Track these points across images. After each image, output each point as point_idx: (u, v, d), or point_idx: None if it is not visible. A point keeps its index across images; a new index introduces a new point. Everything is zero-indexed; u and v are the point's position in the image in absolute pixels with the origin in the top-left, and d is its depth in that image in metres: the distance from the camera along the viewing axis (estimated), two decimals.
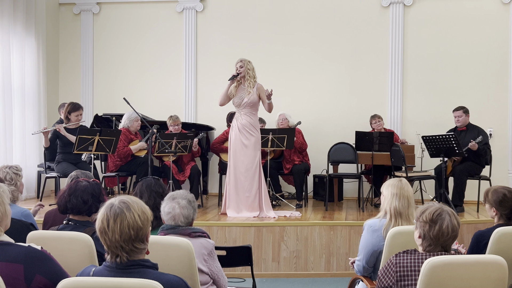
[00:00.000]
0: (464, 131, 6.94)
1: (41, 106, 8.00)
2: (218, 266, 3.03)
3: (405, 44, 8.19)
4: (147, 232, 2.15)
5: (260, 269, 5.75)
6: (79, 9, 8.76)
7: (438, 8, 8.15)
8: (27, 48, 7.77)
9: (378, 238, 3.29)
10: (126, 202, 2.13)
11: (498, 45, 8.01)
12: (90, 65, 8.75)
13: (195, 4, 8.56)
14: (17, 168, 4.00)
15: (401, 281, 2.52)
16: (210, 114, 8.32)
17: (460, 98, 7.79)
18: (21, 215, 3.60)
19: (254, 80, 6.21)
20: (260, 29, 8.45)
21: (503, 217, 3.44)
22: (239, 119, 6.26)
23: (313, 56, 8.37)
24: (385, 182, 3.45)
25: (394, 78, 8.19)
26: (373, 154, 6.93)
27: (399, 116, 8.19)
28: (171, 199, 2.98)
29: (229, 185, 6.26)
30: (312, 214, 6.53)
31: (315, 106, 8.31)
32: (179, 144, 6.56)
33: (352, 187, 8.06)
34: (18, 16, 7.53)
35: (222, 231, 5.78)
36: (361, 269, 3.42)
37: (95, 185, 3.12)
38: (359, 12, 8.31)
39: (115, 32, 8.74)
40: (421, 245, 2.56)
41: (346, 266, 5.63)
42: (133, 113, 6.88)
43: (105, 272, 2.13)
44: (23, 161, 7.45)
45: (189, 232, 2.94)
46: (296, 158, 7.30)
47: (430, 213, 2.51)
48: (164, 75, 8.64)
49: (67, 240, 2.79)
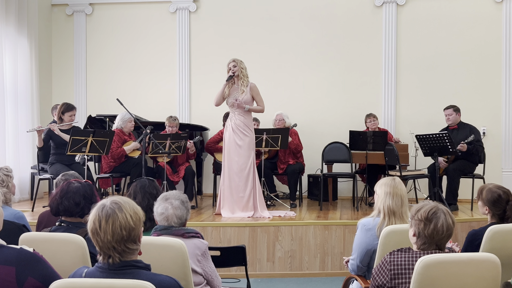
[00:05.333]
0: (456, 129, 6.96)
1: (34, 107, 7.97)
2: (212, 266, 3.02)
3: (398, 44, 8.21)
4: (139, 232, 2.14)
5: (255, 269, 5.75)
6: (72, 10, 8.73)
7: (431, 8, 8.17)
8: (20, 49, 7.73)
9: (372, 237, 3.29)
10: (118, 202, 2.12)
11: (491, 44, 8.04)
12: (83, 66, 8.72)
13: (188, 4, 8.55)
14: (8, 170, 3.96)
15: (395, 279, 2.52)
16: (204, 115, 8.31)
17: (453, 97, 7.81)
18: (13, 217, 3.58)
19: (247, 80, 6.21)
20: (254, 29, 8.45)
21: (496, 216, 3.44)
22: (233, 119, 6.25)
23: (306, 56, 8.37)
24: (378, 181, 3.45)
25: (388, 78, 8.21)
26: (367, 154, 6.94)
27: (393, 115, 8.20)
28: (164, 199, 2.97)
29: (224, 185, 6.26)
30: (307, 213, 6.53)
31: (309, 106, 8.32)
32: (173, 144, 6.55)
33: (346, 187, 8.08)
34: (10, 17, 7.49)
35: (216, 232, 5.77)
36: (355, 268, 3.42)
37: (87, 186, 3.10)
38: (352, 11, 8.32)
39: (108, 33, 8.72)
40: (416, 243, 2.56)
41: (341, 265, 5.63)
42: (126, 114, 6.86)
43: (97, 273, 2.12)
44: (16, 163, 7.42)
45: (182, 233, 2.93)
46: (290, 160, 7.30)
47: (425, 211, 2.51)
48: (158, 75, 8.62)
49: (59, 242, 2.78)
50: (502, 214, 3.41)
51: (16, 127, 7.58)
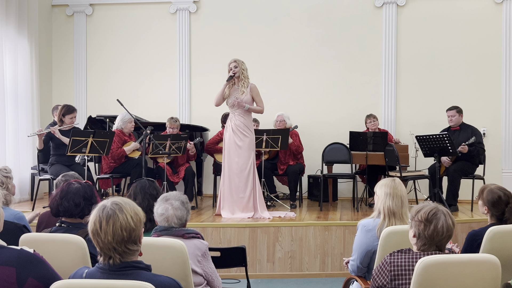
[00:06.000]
0: (458, 130, 6.96)
1: (34, 108, 7.97)
2: (212, 267, 3.02)
3: (398, 44, 8.21)
4: (139, 233, 2.14)
5: (255, 270, 5.74)
6: (72, 10, 8.74)
7: (431, 8, 8.17)
8: (20, 50, 7.73)
9: (372, 238, 3.29)
10: (118, 203, 2.12)
11: (491, 44, 8.04)
12: (83, 66, 8.73)
13: (188, 5, 8.55)
14: (7, 170, 3.95)
15: (395, 280, 2.52)
16: (204, 115, 8.32)
17: (453, 98, 7.81)
18: (13, 218, 3.58)
19: (248, 81, 6.21)
20: (254, 29, 8.45)
21: (494, 217, 3.44)
22: (233, 120, 6.25)
23: (307, 56, 8.37)
24: (378, 182, 3.45)
25: (388, 78, 8.21)
26: (367, 154, 6.93)
27: (393, 116, 8.20)
28: (164, 200, 2.97)
29: (224, 186, 6.26)
30: (307, 214, 6.53)
31: (309, 107, 8.32)
32: (173, 145, 6.55)
33: (346, 187, 8.07)
34: (10, 18, 7.49)
35: (216, 232, 5.77)
36: (355, 269, 3.42)
37: (87, 187, 3.10)
38: (352, 12, 8.32)
39: (108, 33, 8.72)
40: (416, 245, 2.56)
41: (341, 266, 5.63)
42: (126, 115, 6.86)
43: (97, 274, 2.12)
44: (16, 164, 7.42)
45: (182, 233, 2.93)
46: (291, 160, 7.30)
47: (425, 212, 2.51)
48: (158, 76, 8.62)
49: (60, 242, 2.78)
50: (500, 216, 3.42)
51: (16, 127, 7.58)
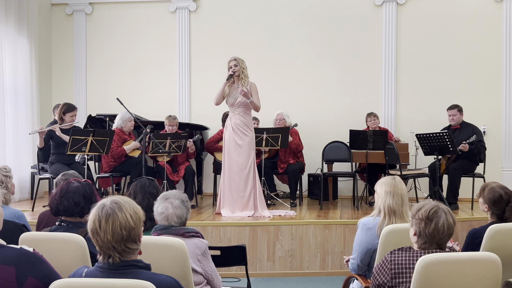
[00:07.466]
0: (458, 129, 6.95)
1: (34, 107, 7.97)
2: (212, 266, 3.02)
3: (398, 43, 8.20)
4: (139, 232, 2.14)
5: (255, 269, 5.74)
6: (72, 9, 8.73)
7: (431, 6, 8.17)
8: (20, 49, 7.72)
9: (372, 236, 3.28)
10: (118, 202, 2.11)
11: (491, 43, 8.04)
12: (83, 65, 8.72)
13: (188, 3, 8.54)
14: (6, 170, 3.95)
15: (395, 279, 2.51)
16: (204, 114, 8.31)
17: (453, 96, 7.80)
18: (13, 217, 3.58)
19: (247, 80, 6.19)
20: (254, 28, 8.44)
21: (495, 215, 3.44)
22: (232, 119, 6.24)
23: (306, 55, 8.36)
24: (378, 180, 3.45)
25: (388, 77, 8.20)
26: (367, 153, 6.93)
27: (393, 115, 8.20)
28: (164, 199, 2.97)
29: (224, 185, 6.25)
30: (307, 213, 6.52)
31: (309, 105, 8.31)
32: (173, 144, 6.54)
33: (346, 186, 8.07)
34: (10, 16, 7.48)
35: (216, 231, 5.77)
36: (356, 268, 3.41)
37: (87, 186, 3.09)
38: (352, 10, 8.31)
39: (108, 32, 8.71)
40: (416, 243, 2.56)
41: (341, 264, 5.63)
42: (126, 114, 6.86)
43: (97, 273, 2.11)
44: (16, 162, 7.42)
45: (182, 232, 2.93)
46: (291, 159, 7.29)
47: (426, 210, 2.50)
48: (158, 75, 8.61)
49: (59, 241, 2.78)
50: (501, 214, 3.42)
51: (16, 126, 7.57)
